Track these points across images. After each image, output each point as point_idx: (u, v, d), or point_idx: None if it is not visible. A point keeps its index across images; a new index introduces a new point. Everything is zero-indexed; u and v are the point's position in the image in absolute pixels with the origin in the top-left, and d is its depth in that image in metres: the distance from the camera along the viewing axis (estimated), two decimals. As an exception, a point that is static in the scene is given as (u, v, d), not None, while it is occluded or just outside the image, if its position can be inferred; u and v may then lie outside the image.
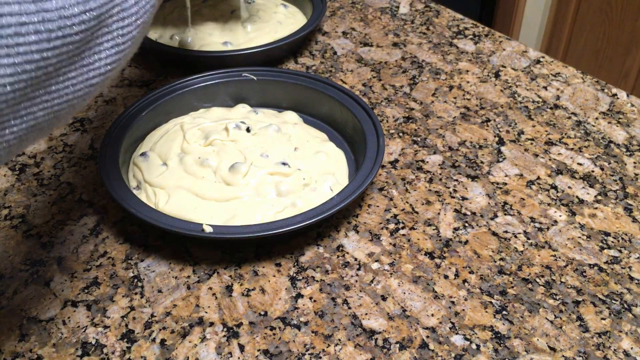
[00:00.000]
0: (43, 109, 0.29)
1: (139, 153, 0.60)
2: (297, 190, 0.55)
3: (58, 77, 0.29)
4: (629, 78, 1.67)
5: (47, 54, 0.27)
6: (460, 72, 0.76)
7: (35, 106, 0.28)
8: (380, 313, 0.48)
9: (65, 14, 0.27)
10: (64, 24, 0.28)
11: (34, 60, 0.27)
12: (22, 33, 0.26)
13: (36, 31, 0.26)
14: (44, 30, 0.27)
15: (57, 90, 0.29)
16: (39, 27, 0.26)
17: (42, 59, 0.27)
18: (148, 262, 0.53)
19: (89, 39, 0.30)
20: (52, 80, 0.29)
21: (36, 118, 0.29)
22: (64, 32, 0.28)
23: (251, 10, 0.82)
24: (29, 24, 0.26)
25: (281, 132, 0.61)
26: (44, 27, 0.27)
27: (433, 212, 0.57)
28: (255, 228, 0.50)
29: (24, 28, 0.26)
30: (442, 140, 0.65)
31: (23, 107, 0.28)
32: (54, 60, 0.28)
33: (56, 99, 0.29)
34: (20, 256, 0.53)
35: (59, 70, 0.29)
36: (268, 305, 0.49)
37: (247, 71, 0.67)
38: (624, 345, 0.46)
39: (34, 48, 0.26)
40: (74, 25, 0.28)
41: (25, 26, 0.26)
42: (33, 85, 0.27)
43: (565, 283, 0.50)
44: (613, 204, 0.58)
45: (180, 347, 0.46)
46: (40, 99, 0.28)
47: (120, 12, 0.32)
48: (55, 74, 0.29)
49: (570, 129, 0.67)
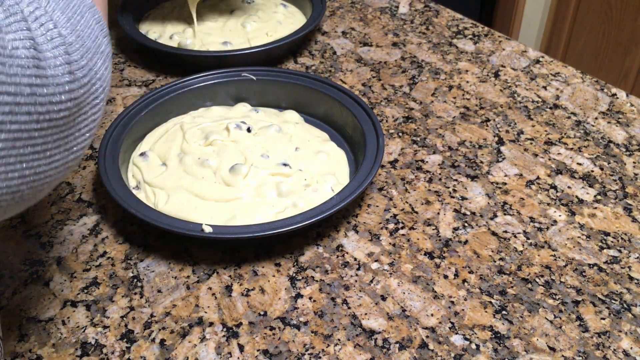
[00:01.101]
0: (30, 186, 0.32)
1: (139, 153, 0.60)
2: (299, 190, 0.55)
3: (45, 159, 0.32)
4: (629, 78, 1.67)
5: (35, 134, 0.30)
6: (459, 72, 0.76)
7: (24, 184, 0.31)
8: (380, 313, 0.48)
9: (54, 100, 0.31)
10: (52, 109, 0.31)
11: (22, 138, 0.30)
12: (16, 112, 0.29)
13: (27, 112, 0.29)
14: (34, 112, 0.30)
15: (43, 172, 0.32)
16: (31, 109, 0.29)
17: (30, 138, 0.30)
18: (148, 262, 0.53)
19: (71, 124, 0.34)
20: (40, 161, 0.32)
21: (22, 193, 0.32)
22: (51, 116, 0.31)
23: (251, 11, 0.82)
24: (22, 105, 0.29)
25: (282, 132, 0.61)
26: (35, 109, 0.30)
27: (433, 212, 0.57)
28: (254, 228, 0.50)
29: (18, 108, 0.29)
30: (442, 140, 0.65)
31: (14, 184, 0.31)
32: (40, 141, 0.31)
33: (41, 178, 0.33)
34: (19, 256, 0.53)
35: (46, 152, 0.32)
36: (268, 305, 0.49)
37: (247, 71, 0.67)
38: (624, 345, 0.46)
39: (24, 127, 0.29)
40: (61, 111, 0.32)
41: (19, 106, 0.29)
42: (22, 162, 0.30)
43: (564, 283, 0.50)
44: (613, 203, 0.58)
45: (180, 347, 0.46)
46: (28, 178, 0.31)
47: (93, 99, 0.36)
48: (42, 156, 0.32)
49: (569, 129, 0.67)
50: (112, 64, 0.40)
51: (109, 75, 0.38)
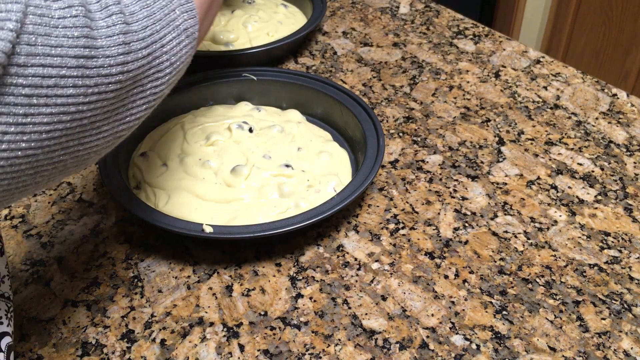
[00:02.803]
0: (74, 156, 0.31)
1: (139, 153, 0.60)
2: (301, 191, 0.55)
3: (92, 130, 0.31)
4: (629, 78, 1.67)
5: (83, 107, 0.29)
6: (460, 72, 0.76)
7: (67, 154, 0.30)
8: (380, 313, 0.48)
9: (103, 73, 0.29)
10: (101, 81, 0.29)
11: (69, 112, 0.28)
12: (61, 85, 0.27)
13: (74, 85, 0.28)
14: (82, 85, 0.28)
15: (89, 142, 0.31)
16: (77, 82, 0.28)
17: (77, 112, 0.29)
18: (148, 262, 0.53)
19: (124, 96, 0.32)
20: (86, 132, 0.30)
21: (65, 163, 0.30)
22: (100, 89, 0.29)
23: (251, 11, 0.82)
24: (68, 78, 0.27)
25: (284, 132, 0.61)
26: (82, 82, 0.28)
27: (433, 212, 0.57)
28: (255, 228, 0.50)
29: (63, 81, 0.27)
30: (442, 140, 0.65)
31: (56, 155, 0.29)
32: (89, 114, 0.29)
33: (87, 149, 0.31)
34: (20, 256, 0.53)
35: (94, 124, 0.30)
36: (268, 305, 0.49)
37: (248, 71, 0.67)
38: (624, 345, 0.46)
39: (71, 101, 0.28)
40: (111, 84, 0.30)
41: (65, 79, 0.27)
42: (68, 135, 0.29)
43: (565, 283, 0.50)
44: (613, 204, 0.58)
45: (180, 347, 0.46)
46: (73, 148, 0.30)
47: (155, 72, 0.34)
48: (89, 127, 0.30)
49: (570, 129, 0.67)
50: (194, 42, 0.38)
51: (183, 52, 0.36)
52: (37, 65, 0.26)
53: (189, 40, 0.37)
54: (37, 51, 0.26)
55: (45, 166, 0.29)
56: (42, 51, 0.26)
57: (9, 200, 0.30)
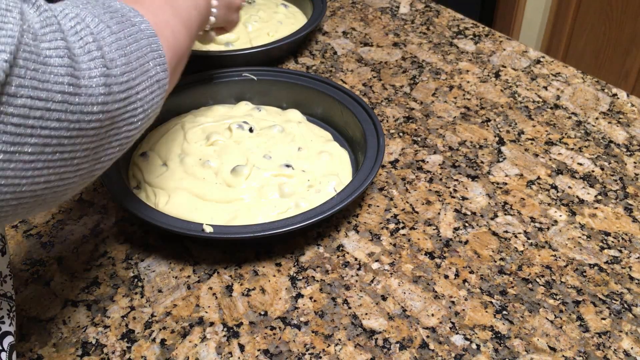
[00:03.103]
0: (53, 191, 0.32)
1: (139, 153, 0.60)
2: (301, 191, 0.55)
3: (71, 167, 0.33)
4: (629, 78, 1.67)
5: (64, 141, 0.31)
6: (460, 72, 0.76)
7: (48, 189, 0.32)
8: (380, 313, 0.48)
9: (85, 110, 0.31)
10: (83, 118, 0.31)
11: (52, 144, 0.30)
12: (47, 118, 0.29)
13: (58, 119, 0.30)
14: (65, 120, 0.30)
15: (67, 178, 0.33)
16: (61, 116, 0.30)
17: (59, 145, 0.31)
18: (148, 262, 0.53)
19: (102, 136, 0.34)
20: (67, 167, 0.32)
21: (45, 197, 0.32)
22: (81, 126, 0.32)
23: (252, 10, 0.82)
24: (53, 111, 0.30)
25: (285, 132, 0.61)
26: (65, 116, 0.30)
27: (433, 212, 0.57)
28: (255, 228, 0.50)
29: (49, 114, 0.29)
30: (442, 140, 0.65)
31: (39, 188, 0.31)
32: (69, 149, 0.32)
33: (65, 184, 0.33)
34: (20, 256, 0.53)
35: (73, 160, 0.32)
36: (268, 305, 0.49)
37: (248, 71, 0.67)
38: (624, 345, 0.46)
39: (54, 134, 0.30)
40: (91, 122, 0.32)
41: (50, 112, 0.29)
42: (49, 167, 0.31)
43: (565, 283, 0.50)
44: (613, 204, 0.58)
45: (181, 346, 0.46)
46: (53, 183, 0.32)
47: (130, 117, 0.36)
48: (69, 162, 0.32)
49: (570, 129, 0.67)
50: (163, 94, 0.42)
51: (155, 101, 0.39)
52: (26, 96, 0.28)
53: (160, 91, 0.40)
54: (27, 83, 0.28)
55: (28, 198, 0.31)
56: (30, 84, 0.28)
57: None
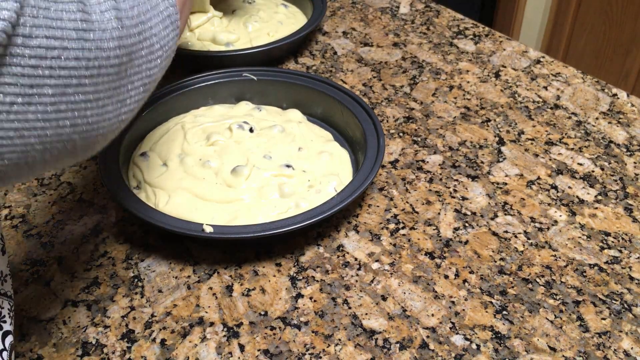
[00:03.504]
0: (82, 136, 0.32)
1: (139, 153, 0.60)
2: (301, 191, 0.55)
3: (97, 109, 0.32)
4: (629, 78, 1.67)
5: (85, 80, 0.30)
6: (460, 72, 0.76)
7: (76, 133, 0.31)
8: (380, 313, 0.48)
9: (101, 46, 0.31)
10: (100, 55, 0.31)
11: (73, 84, 0.29)
12: (64, 57, 0.29)
13: (76, 57, 0.29)
14: (83, 58, 0.30)
15: (95, 122, 0.32)
16: (79, 54, 0.29)
17: (80, 85, 0.30)
18: (148, 262, 0.53)
19: (122, 74, 0.33)
20: (92, 110, 0.31)
21: (74, 143, 0.32)
22: (100, 63, 0.31)
23: (252, 11, 0.82)
24: (69, 50, 0.29)
25: (285, 132, 0.61)
26: (83, 54, 0.30)
27: (433, 212, 0.57)
28: (255, 228, 0.50)
29: (66, 52, 0.29)
30: (442, 140, 0.65)
31: (65, 132, 0.30)
32: (91, 89, 0.31)
33: (94, 129, 0.32)
34: (20, 256, 0.53)
35: (97, 101, 0.32)
36: (268, 305, 0.49)
37: (248, 71, 0.67)
38: (624, 345, 0.46)
39: (74, 73, 0.29)
40: (110, 58, 0.32)
41: (67, 51, 0.29)
42: (73, 110, 0.30)
43: (565, 283, 0.50)
44: (613, 204, 0.58)
45: (181, 347, 0.46)
46: (80, 127, 0.31)
47: (148, 54, 0.36)
48: (94, 104, 0.31)
49: (570, 129, 0.67)
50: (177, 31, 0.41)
51: (170, 37, 0.38)
52: (41, 36, 0.27)
53: (172, 27, 0.39)
54: (40, 22, 0.27)
55: (55, 143, 0.30)
56: (44, 23, 0.27)
57: (17, 177, 0.31)
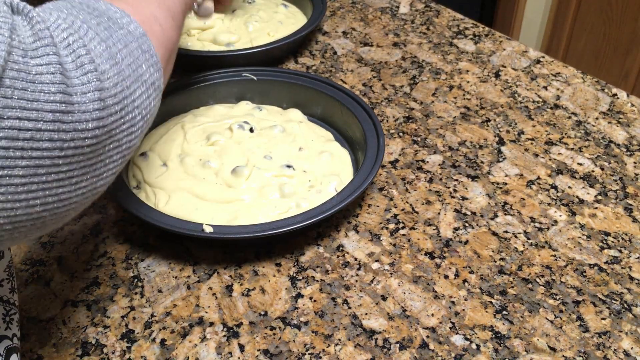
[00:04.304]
0: (52, 213, 0.31)
1: (139, 153, 0.60)
2: (302, 191, 0.55)
3: (70, 186, 0.31)
4: (629, 78, 1.67)
5: (59, 161, 0.29)
6: (460, 72, 0.76)
7: (46, 211, 0.30)
8: (380, 313, 0.48)
9: (79, 127, 0.30)
10: (77, 136, 0.30)
11: (45, 165, 0.29)
12: (37, 138, 0.28)
13: (50, 139, 0.28)
14: (58, 139, 0.29)
15: (67, 198, 0.31)
16: (54, 136, 0.28)
17: (53, 165, 0.29)
18: (148, 262, 0.53)
19: (100, 151, 0.33)
20: (65, 188, 0.31)
21: (44, 220, 0.31)
22: (77, 144, 0.30)
23: (252, 10, 0.82)
24: (44, 131, 0.28)
25: (286, 132, 0.61)
26: (58, 136, 0.29)
27: (433, 212, 0.57)
28: (255, 228, 0.50)
29: (39, 134, 0.28)
30: (442, 140, 0.65)
31: (35, 211, 0.30)
32: (65, 169, 0.30)
33: (65, 205, 0.31)
34: (20, 256, 0.53)
35: (71, 179, 0.31)
36: (268, 305, 0.49)
37: (248, 71, 0.67)
38: (624, 345, 0.46)
39: (47, 154, 0.28)
40: (87, 139, 0.31)
41: (41, 132, 0.28)
42: (45, 189, 0.29)
43: (565, 283, 0.50)
44: (613, 204, 0.58)
45: (181, 347, 0.46)
46: (51, 205, 0.30)
47: (129, 127, 0.35)
48: (67, 182, 0.31)
49: (570, 129, 0.67)
50: (160, 94, 0.40)
51: (152, 104, 0.37)
52: (14, 117, 0.27)
53: (156, 93, 0.38)
54: (14, 104, 0.26)
55: (24, 222, 0.29)
56: (18, 104, 0.27)
57: None
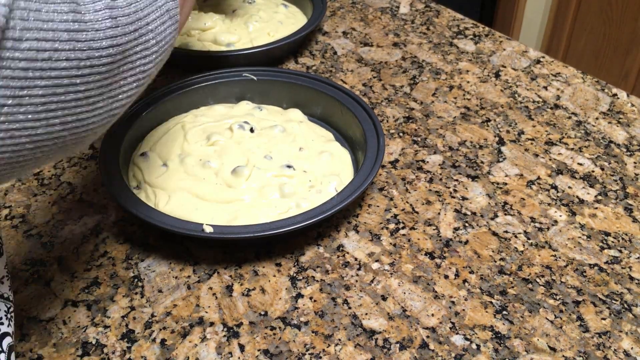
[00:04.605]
0: (72, 133, 0.32)
1: (139, 153, 0.60)
2: (302, 192, 0.55)
3: (87, 106, 0.32)
4: (629, 78, 1.67)
5: (76, 80, 0.30)
6: (460, 72, 0.76)
7: (66, 130, 0.31)
8: (380, 313, 0.48)
9: (94, 46, 0.30)
10: (93, 54, 0.30)
11: (63, 85, 0.29)
12: (55, 58, 0.28)
13: (67, 58, 0.29)
14: (74, 59, 0.29)
15: (85, 118, 0.32)
16: (70, 55, 0.29)
17: (71, 85, 0.30)
18: (148, 262, 0.53)
19: (115, 72, 0.33)
20: (82, 107, 0.31)
21: (64, 139, 0.31)
22: (92, 63, 0.31)
23: (252, 10, 0.82)
24: (61, 51, 0.29)
25: (286, 132, 0.61)
26: (74, 55, 0.29)
27: (433, 212, 0.57)
28: (255, 228, 0.50)
29: (57, 54, 0.28)
30: (442, 140, 0.65)
31: (55, 130, 0.30)
32: (83, 88, 0.31)
33: (84, 125, 0.32)
34: (20, 256, 0.53)
35: (88, 99, 0.32)
36: (268, 305, 0.49)
37: (248, 71, 0.67)
38: (624, 345, 0.46)
39: (65, 74, 0.29)
40: (102, 57, 0.31)
41: (58, 52, 0.28)
42: (64, 109, 0.30)
43: (565, 283, 0.50)
44: (613, 204, 0.58)
45: (181, 347, 0.46)
46: (71, 124, 0.31)
47: (143, 50, 0.35)
48: (84, 102, 0.31)
49: (570, 129, 0.67)
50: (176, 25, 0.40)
51: (167, 32, 0.38)
52: (32, 39, 0.27)
53: (171, 22, 0.38)
54: (31, 25, 0.27)
55: (45, 141, 0.30)
56: (35, 25, 0.27)
57: (10, 175, 0.31)
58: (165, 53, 0.39)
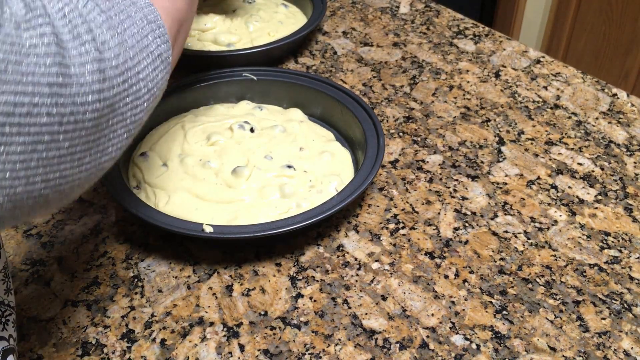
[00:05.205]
0: (55, 190, 0.30)
1: (139, 153, 0.60)
2: (302, 192, 0.55)
3: (72, 162, 0.30)
4: (629, 78, 1.67)
5: (59, 136, 0.28)
6: (460, 72, 0.76)
7: (48, 188, 0.29)
8: (380, 313, 0.48)
9: (78, 101, 0.29)
10: (77, 110, 0.29)
11: (44, 141, 0.27)
12: (35, 113, 0.26)
13: (48, 113, 0.27)
14: (56, 114, 0.28)
15: (70, 175, 0.30)
16: (52, 110, 0.27)
17: (53, 141, 0.28)
18: (148, 262, 0.53)
19: (104, 126, 0.31)
20: (66, 164, 0.29)
21: (47, 197, 0.30)
22: (77, 118, 0.29)
23: (252, 10, 0.82)
24: (41, 106, 0.27)
25: (286, 132, 0.61)
26: (57, 110, 0.27)
27: (433, 212, 0.57)
28: (255, 228, 0.50)
29: (37, 109, 0.27)
30: (442, 140, 0.65)
31: (36, 189, 0.29)
32: (66, 144, 0.29)
33: (68, 182, 0.30)
34: (20, 256, 0.53)
35: (73, 155, 0.30)
36: (268, 305, 0.49)
37: (248, 71, 0.67)
38: (624, 345, 0.46)
39: (45, 129, 0.27)
40: (87, 112, 0.29)
41: (38, 107, 0.27)
42: (45, 166, 0.28)
43: (565, 283, 0.50)
44: (613, 204, 0.58)
45: (181, 346, 0.46)
46: (54, 182, 0.29)
47: (134, 100, 0.33)
48: (69, 158, 0.29)
49: (570, 129, 0.67)
50: (168, 67, 0.39)
51: (159, 78, 0.36)
52: (9, 92, 0.26)
53: (163, 66, 0.37)
54: (9, 78, 0.25)
55: (25, 200, 0.28)
56: (13, 78, 0.26)
57: None
58: (157, 98, 0.37)
